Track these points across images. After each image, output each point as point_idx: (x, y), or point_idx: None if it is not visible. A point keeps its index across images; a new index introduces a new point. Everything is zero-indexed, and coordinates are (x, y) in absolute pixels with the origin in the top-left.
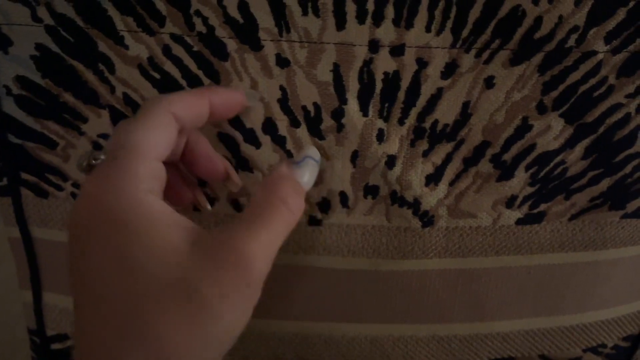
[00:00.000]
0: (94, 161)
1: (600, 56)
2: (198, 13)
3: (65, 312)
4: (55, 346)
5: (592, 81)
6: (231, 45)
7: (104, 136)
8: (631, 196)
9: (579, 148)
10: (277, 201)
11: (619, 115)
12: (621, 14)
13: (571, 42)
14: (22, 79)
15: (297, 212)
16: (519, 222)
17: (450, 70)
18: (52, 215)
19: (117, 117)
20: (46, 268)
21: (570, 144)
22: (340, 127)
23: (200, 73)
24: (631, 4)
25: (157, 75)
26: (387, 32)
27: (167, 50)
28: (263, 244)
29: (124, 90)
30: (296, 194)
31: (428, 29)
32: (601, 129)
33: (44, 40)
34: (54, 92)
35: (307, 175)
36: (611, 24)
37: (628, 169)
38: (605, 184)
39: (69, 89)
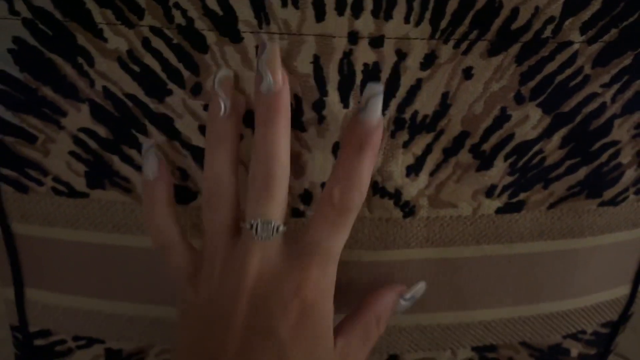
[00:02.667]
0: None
1: (576, 46)
2: (177, 5)
3: (48, 308)
4: (38, 342)
5: (568, 71)
6: (211, 37)
7: (84, 130)
8: (607, 184)
9: (557, 137)
10: (374, 335)
11: (594, 104)
12: (596, 4)
13: (547, 32)
14: (0, 72)
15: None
16: (498, 211)
17: (429, 61)
18: (33, 210)
19: (97, 110)
20: (27, 264)
21: (547, 133)
22: (321, 119)
23: (180, 66)
24: None
25: (136, 68)
26: (366, 24)
27: (146, 43)
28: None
29: (104, 84)
30: (387, 318)
31: (407, 20)
32: (578, 119)
33: (21, 33)
34: (33, 86)
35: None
36: (586, 15)
37: (604, 157)
38: (582, 172)
39: (48, 83)
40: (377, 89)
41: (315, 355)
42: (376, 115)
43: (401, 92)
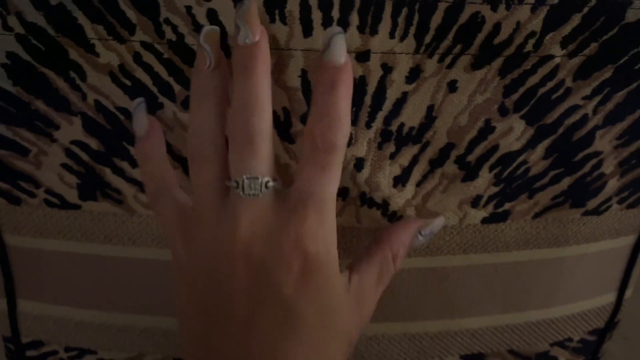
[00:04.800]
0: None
1: (557, 60)
2: (167, 21)
3: (40, 319)
4: (30, 353)
5: (550, 84)
6: None
7: (76, 143)
8: (591, 194)
9: (540, 148)
10: (389, 269)
11: (576, 116)
12: (576, 20)
13: (529, 47)
14: None
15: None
16: (484, 221)
17: (414, 75)
18: (25, 222)
19: (88, 124)
20: (20, 275)
21: (531, 144)
22: None
23: (171, 80)
24: (585, 10)
25: (128, 82)
26: (352, 39)
27: (137, 58)
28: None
29: (96, 98)
30: (404, 254)
31: (392, 35)
32: (560, 130)
33: (14, 48)
34: (25, 99)
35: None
36: (567, 29)
37: (587, 168)
38: (566, 182)
39: (40, 97)
40: (336, 29)
41: (326, 305)
42: (341, 52)
43: (387, 105)
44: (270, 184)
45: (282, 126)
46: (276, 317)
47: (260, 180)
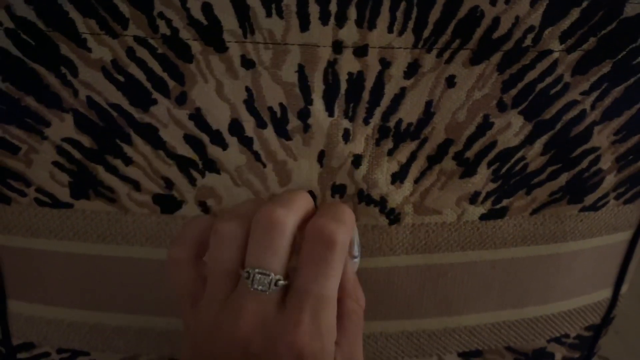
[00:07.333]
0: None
1: (555, 55)
2: (162, 15)
3: (31, 320)
4: (22, 355)
5: (549, 79)
6: (195, 47)
7: (68, 140)
8: (588, 190)
9: (538, 144)
10: (359, 313)
11: (574, 112)
12: (575, 14)
13: (528, 41)
14: None
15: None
16: (482, 217)
17: (412, 70)
18: (16, 221)
19: (81, 120)
20: (10, 276)
21: (529, 140)
22: (306, 128)
23: (165, 75)
24: (584, 4)
25: (121, 78)
26: (350, 33)
27: (131, 53)
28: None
29: (88, 94)
30: (358, 285)
31: (390, 30)
32: (558, 126)
33: (4, 43)
34: (15, 96)
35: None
36: (565, 24)
37: (585, 163)
38: (563, 178)
39: (31, 93)
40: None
41: None
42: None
43: (385, 101)
44: (280, 282)
45: (279, 123)
46: None
47: (270, 277)
